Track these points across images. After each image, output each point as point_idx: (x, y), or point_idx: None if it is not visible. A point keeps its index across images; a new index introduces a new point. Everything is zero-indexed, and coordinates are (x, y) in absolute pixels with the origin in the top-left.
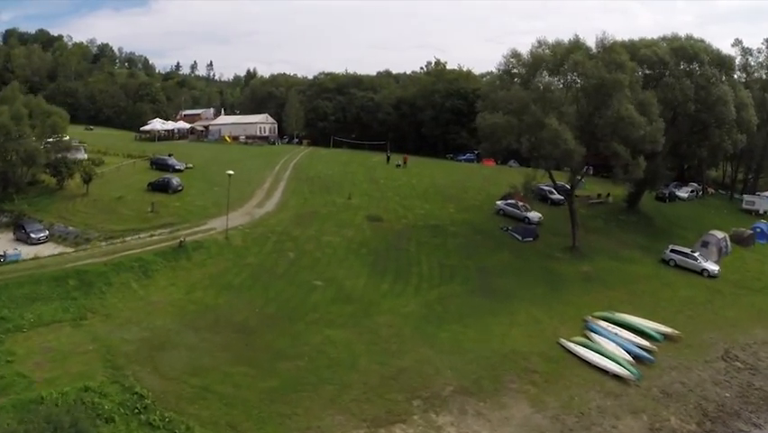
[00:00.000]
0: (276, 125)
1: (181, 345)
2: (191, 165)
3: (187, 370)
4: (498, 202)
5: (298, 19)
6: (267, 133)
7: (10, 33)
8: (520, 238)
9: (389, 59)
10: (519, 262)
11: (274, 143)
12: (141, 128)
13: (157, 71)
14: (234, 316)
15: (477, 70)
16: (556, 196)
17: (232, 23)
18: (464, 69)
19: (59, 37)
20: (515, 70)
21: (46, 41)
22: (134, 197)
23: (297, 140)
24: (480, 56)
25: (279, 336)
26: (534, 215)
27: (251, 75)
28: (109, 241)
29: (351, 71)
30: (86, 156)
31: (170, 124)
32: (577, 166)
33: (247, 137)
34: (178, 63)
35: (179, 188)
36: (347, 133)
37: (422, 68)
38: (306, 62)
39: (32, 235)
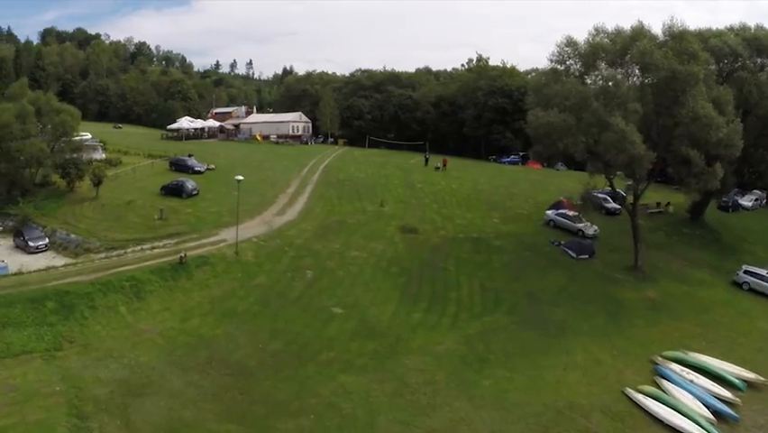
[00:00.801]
0: (310, 124)
1: (163, 391)
2: (213, 166)
3: (163, 425)
4: (549, 212)
5: (339, 19)
6: (300, 133)
7: (48, 32)
8: (575, 255)
9: (430, 58)
10: (574, 285)
11: (307, 143)
12: (169, 126)
13: (195, 70)
14: (232, 353)
15: (520, 68)
16: (612, 204)
17: (273, 23)
18: (508, 66)
19: (97, 36)
20: (569, 61)
21: (83, 39)
22: (145, 201)
23: (331, 139)
24: (523, 55)
25: (283, 383)
26: (590, 227)
27: (287, 72)
28: (109, 252)
29: (389, 68)
30: (103, 156)
31: (199, 123)
32: (643, 174)
33: (278, 136)
34: (217, 62)
35: (194, 192)
36: (384, 133)
37: (463, 65)
38: (347, 61)
39: (31, 244)
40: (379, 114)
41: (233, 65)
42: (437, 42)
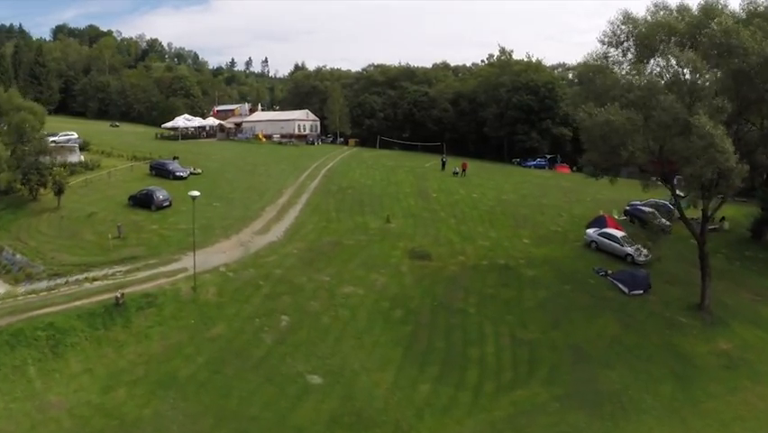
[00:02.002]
0: (318, 123)
1: None
2: (199, 171)
3: None
4: (589, 231)
5: (357, 17)
6: (306, 132)
7: (60, 29)
8: (627, 291)
9: (447, 56)
10: (630, 334)
11: (313, 143)
12: (164, 125)
13: (211, 67)
14: None
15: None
16: (661, 220)
17: (291, 21)
18: (533, 60)
19: (109, 32)
20: (627, 43)
21: (95, 36)
22: (109, 214)
23: (341, 139)
24: (541, 54)
25: None
26: (640, 251)
27: (299, 69)
28: (51, 279)
29: (404, 63)
30: (81, 158)
31: (197, 121)
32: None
33: (282, 136)
34: (232, 59)
35: (165, 203)
36: (398, 133)
37: (483, 61)
38: (364, 60)
39: None
40: (393, 112)
41: (249, 63)
42: (454, 41)
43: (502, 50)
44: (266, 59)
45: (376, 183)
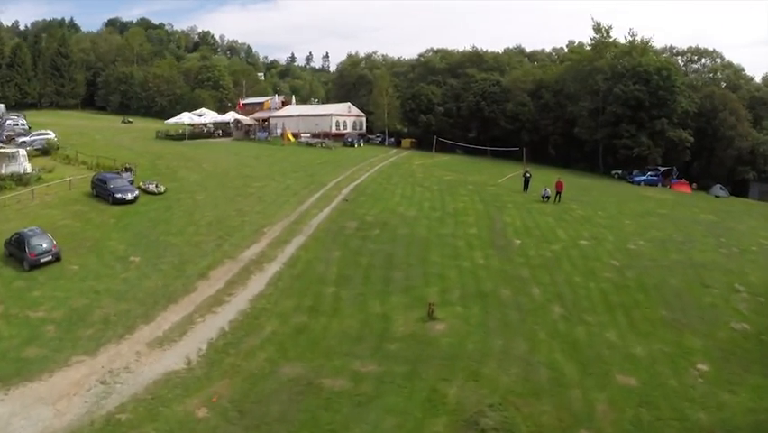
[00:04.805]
0: (363, 119)
1: None
2: (162, 189)
3: None
4: None
5: (424, 16)
6: (347, 129)
7: (111, 22)
8: None
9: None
10: None
11: (353, 144)
12: (167, 122)
13: (269, 60)
14: None
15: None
16: None
17: (358, 19)
18: (637, 41)
19: (160, 25)
20: None
21: (146, 29)
22: None
23: (391, 140)
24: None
25: None
26: None
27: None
28: None
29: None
30: (24, 168)
31: (210, 117)
32: None
33: (312, 135)
34: (292, 54)
35: (45, 257)
36: (461, 132)
37: (563, 48)
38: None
39: None
40: (455, 106)
41: (309, 57)
42: (525, 41)
43: (597, 27)
44: (326, 53)
45: (422, 215)
